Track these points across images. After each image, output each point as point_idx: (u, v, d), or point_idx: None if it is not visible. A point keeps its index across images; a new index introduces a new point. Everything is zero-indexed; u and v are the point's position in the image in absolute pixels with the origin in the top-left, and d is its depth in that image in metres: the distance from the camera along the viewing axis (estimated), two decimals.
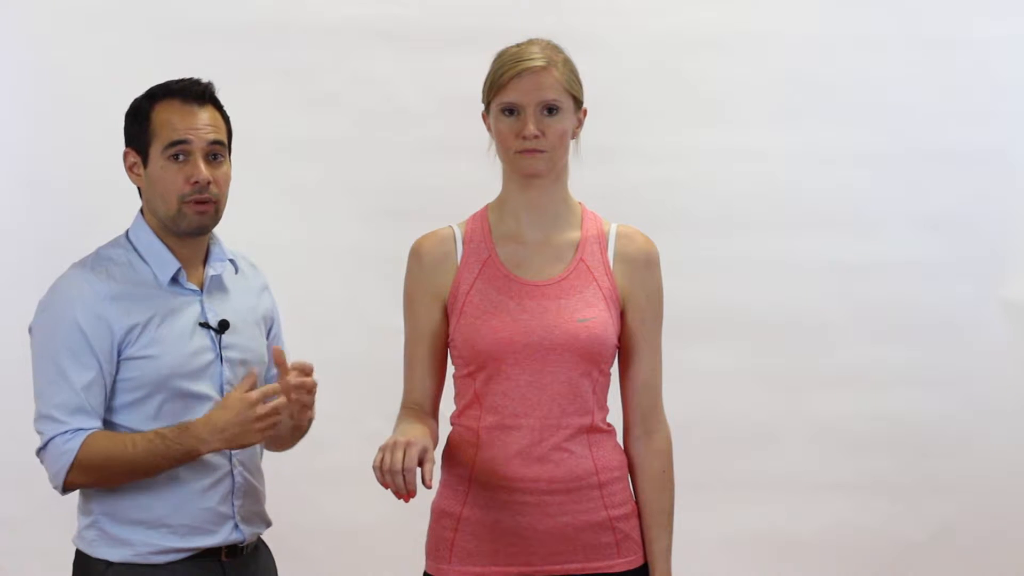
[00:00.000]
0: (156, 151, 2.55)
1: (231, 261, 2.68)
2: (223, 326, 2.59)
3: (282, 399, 2.50)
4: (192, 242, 2.60)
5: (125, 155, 2.60)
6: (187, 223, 2.56)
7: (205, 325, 2.57)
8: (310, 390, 2.54)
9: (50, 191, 3.95)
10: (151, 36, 3.98)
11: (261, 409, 2.49)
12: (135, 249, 2.58)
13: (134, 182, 2.62)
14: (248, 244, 2.82)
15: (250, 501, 2.64)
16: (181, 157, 2.54)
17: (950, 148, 4.18)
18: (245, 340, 2.64)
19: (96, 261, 2.57)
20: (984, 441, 4.21)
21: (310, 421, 2.62)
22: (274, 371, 2.74)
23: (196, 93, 2.58)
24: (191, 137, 2.54)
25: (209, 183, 2.54)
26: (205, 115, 2.57)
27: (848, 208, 4.18)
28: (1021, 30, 4.20)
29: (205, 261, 2.64)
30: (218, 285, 2.63)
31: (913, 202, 4.19)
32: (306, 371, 2.53)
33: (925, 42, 4.17)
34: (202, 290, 2.60)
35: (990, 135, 4.19)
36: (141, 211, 2.63)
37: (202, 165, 2.54)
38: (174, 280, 2.57)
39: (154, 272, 2.56)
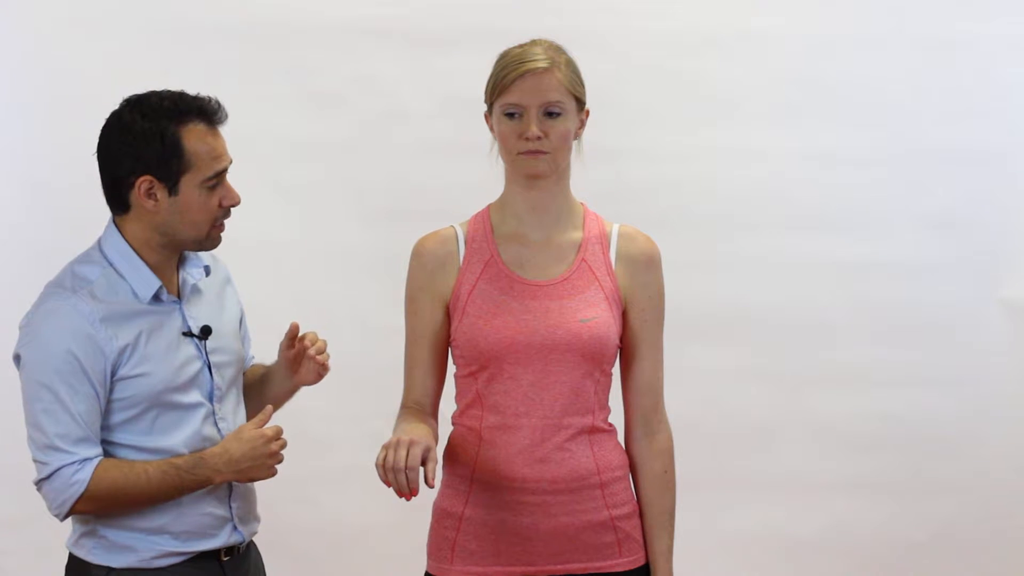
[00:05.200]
0: (192, 181, 2.48)
1: (205, 267, 2.64)
2: (205, 332, 2.57)
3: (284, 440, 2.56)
4: (173, 254, 2.56)
5: (139, 183, 2.46)
6: (211, 243, 2.55)
7: (188, 334, 2.56)
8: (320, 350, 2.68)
9: (50, 191, 3.95)
10: (151, 36, 3.98)
11: (275, 446, 2.52)
12: (111, 265, 2.51)
13: (142, 205, 2.49)
14: (248, 244, 2.82)
15: (246, 501, 2.65)
16: (217, 184, 2.51)
17: (950, 148, 4.18)
18: (226, 341, 2.63)
19: (75, 282, 2.48)
20: (984, 441, 4.22)
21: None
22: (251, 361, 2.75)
23: (221, 117, 2.52)
24: (228, 164, 2.51)
25: None
26: (224, 136, 2.53)
27: (848, 208, 4.18)
28: (1021, 30, 4.20)
29: (177, 266, 2.59)
30: (192, 289, 2.60)
31: (913, 202, 4.19)
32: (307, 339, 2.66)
33: (925, 42, 4.17)
34: (179, 298, 2.57)
35: (990, 135, 4.19)
36: (115, 224, 2.53)
37: (234, 187, 2.53)
38: (155, 296, 2.52)
39: (133, 289, 2.50)
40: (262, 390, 2.75)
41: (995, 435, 4.22)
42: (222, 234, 2.56)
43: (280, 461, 2.54)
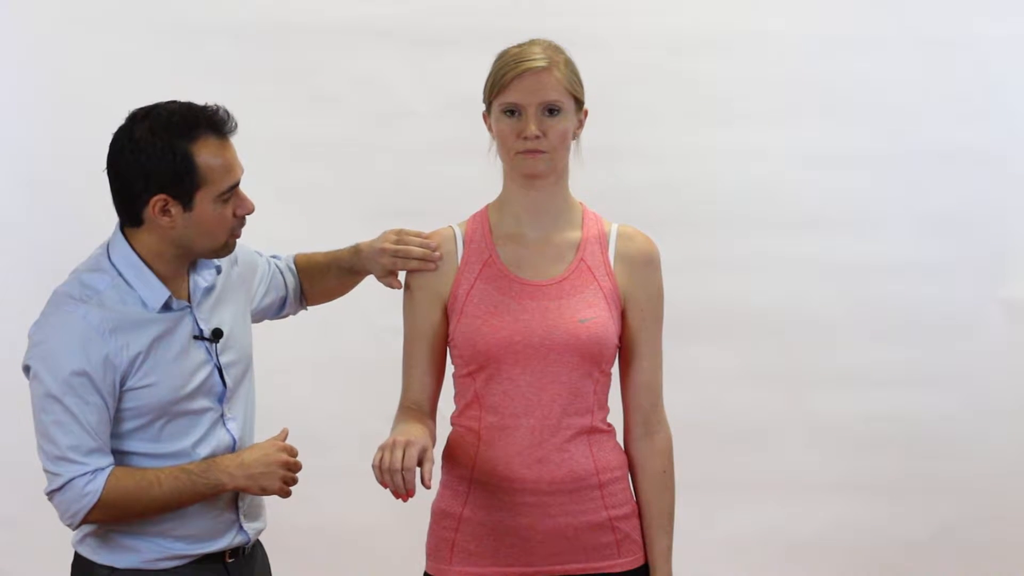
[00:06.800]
0: (207, 196, 2.44)
1: (217, 267, 2.62)
2: (216, 335, 2.55)
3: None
4: (185, 262, 2.54)
5: (153, 202, 2.42)
6: (227, 251, 2.53)
7: (199, 337, 2.54)
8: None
9: (50, 191, 3.95)
10: (151, 36, 3.98)
11: (288, 457, 2.51)
12: (120, 274, 2.47)
13: (157, 222, 2.45)
14: (247, 244, 2.81)
15: (254, 498, 2.64)
16: (230, 196, 2.48)
17: (950, 148, 4.18)
18: (235, 339, 2.61)
19: (83, 291, 2.45)
20: (984, 441, 4.22)
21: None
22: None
23: (231, 128, 2.47)
24: (240, 175, 2.49)
25: None
26: (234, 145, 2.50)
27: (848, 208, 4.18)
28: (1021, 30, 4.20)
29: (188, 269, 2.57)
30: (204, 292, 2.58)
31: (913, 202, 4.18)
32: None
33: (925, 42, 4.17)
34: (190, 302, 2.55)
35: (990, 135, 4.19)
36: (124, 233, 2.50)
37: (247, 196, 2.51)
38: (164, 305, 2.50)
39: (143, 299, 2.47)
40: (327, 277, 2.85)
41: (995, 435, 4.22)
42: (237, 240, 2.56)
43: (294, 481, 2.53)
